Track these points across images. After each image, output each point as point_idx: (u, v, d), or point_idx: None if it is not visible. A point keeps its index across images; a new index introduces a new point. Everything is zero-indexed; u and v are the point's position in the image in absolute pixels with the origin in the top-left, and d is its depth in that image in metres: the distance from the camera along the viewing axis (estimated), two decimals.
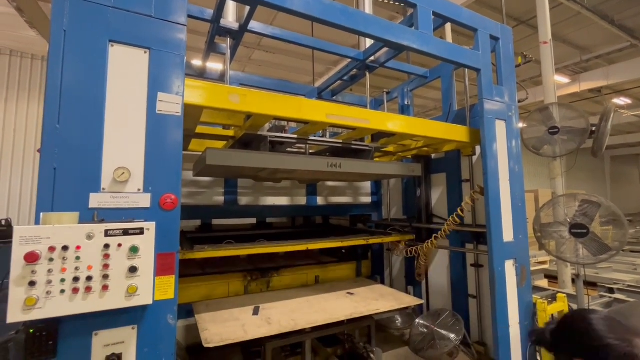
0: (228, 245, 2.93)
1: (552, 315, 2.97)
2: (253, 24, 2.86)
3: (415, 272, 4.00)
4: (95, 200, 1.54)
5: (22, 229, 1.32)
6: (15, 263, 1.30)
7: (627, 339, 1.42)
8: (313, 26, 5.54)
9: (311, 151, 3.45)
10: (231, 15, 2.89)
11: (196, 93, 1.90)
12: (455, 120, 3.64)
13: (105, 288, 1.42)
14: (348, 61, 3.93)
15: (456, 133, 3.04)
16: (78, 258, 1.39)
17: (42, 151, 1.47)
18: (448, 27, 5.33)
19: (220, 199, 3.71)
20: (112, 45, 1.64)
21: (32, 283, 1.31)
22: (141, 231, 1.51)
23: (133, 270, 1.47)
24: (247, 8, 2.53)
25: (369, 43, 3.52)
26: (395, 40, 2.49)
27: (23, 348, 1.35)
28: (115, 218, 1.55)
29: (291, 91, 4.32)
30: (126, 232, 1.48)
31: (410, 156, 4.09)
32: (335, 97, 4.58)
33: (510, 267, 2.87)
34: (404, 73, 4.29)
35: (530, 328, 2.80)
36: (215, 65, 3.71)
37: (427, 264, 3.81)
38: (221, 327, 2.46)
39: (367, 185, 4.73)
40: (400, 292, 3.37)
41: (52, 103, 1.50)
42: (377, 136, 3.27)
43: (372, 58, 3.56)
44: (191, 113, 2.06)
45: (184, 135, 1.83)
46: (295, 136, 2.80)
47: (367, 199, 4.71)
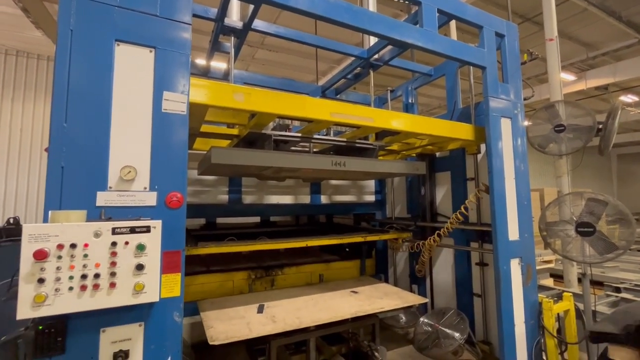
0: (230, 242, 2.99)
1: (558, 314, 2.96)
2: (257, 23, 2.86)
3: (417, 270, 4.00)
4: (102, 198, 1.55)
5: (31, 227, 1.34)
6: (24, 260, 1.32)
7: None
8: (317, 24, 5.53)
9: (315, 150, 3.45)
10: (235, 14, 2.90)
11: (201, 92, 1.91)
12: (460, 118, 3.62)
13: (112, 285, 1.44)
14: (352, 59, 3.92)
15: (461, 131, 3.03)
16: (86, 255, 1.41)
17: (50, 150, 1.49)
18: (453, 25, 5.29)
19: (224, 198, 3.72)
20: (118, 44, 1.66)
21: (41, 280, 1.33)
22: (148, 229, 1.52)
23: (140, 267, 1.49)
24: (251, 7, 2.54)
25: (373, 41, 3.51)
26: (399, 37, 2.48)
27: (32, 344, 1.37)
28: (121, 216, 1.56)
29: (295, 90, 4.32)
30: (133, 230, 1.49)
31: (414, 154, 4.07)
32: (339, 96, 4.58)
33: (515, 266, 2.85)
34: (408, 71, 4.27)
35: (590, 329, 2.36)
36: (219, 64, 3.73)
37: (427, 261, 3.83)
38: (226, 325, 2.47)
39: (371, 183, 4.72)
40: (404, 291, 3.36)
41: (59, 102, 1.52)
42: (381, 134, 3.26)
43: (376, 56, 3.55)
44: (196, 112, 2.06)
45: (189, 134, 1.84)
46: (299, 135, 2.80)
47: (371, 198, 4.71)
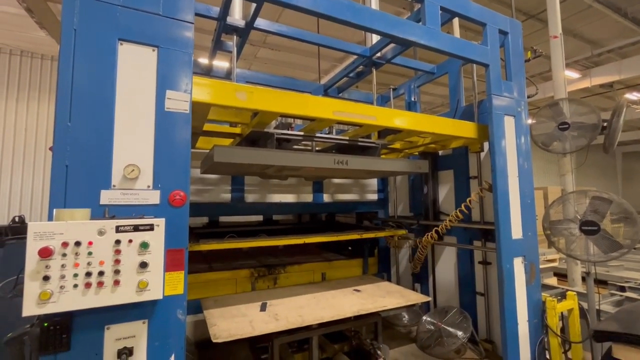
0: (230, 239, 3.08)
1: (562, 313, 2.94)
2: (259, 21, 2.86)
3: (422, 269, 4.01)
4: (106, 196, 1.56)
5: (36, 225, 1.35)
6: (29, 258, 1.33)
7: None
8: (319, 23, 5.52)
9: (317, 148, 3.45)
10: (237, 12, 2.90)
11: (204, 90, 1.92)
12: (462, 116, 3.61)
13: (116, 283, 1.45)
14: (354, 58, 3.91)
15: (464, 129, 3.01)
16: (90, 253, 1.42)
17: (54, 149, 1.50)
18: (456, 22, 5.26)
19: (227, 196, 3.73)
20: (122, 43, 1.66)
21: (46, 278, 1.34)
22: (151, 227, 1.53)
23: (143, 265, 1.50)
24: (253, 5, 2.54)
25: (375, 39, 3.50)
26: (402, 35, 2.47)
27: (38, 341, 1.39)
28: (125, 214, 1.57)
29: (297, 88, 4.32)
30: (136, 228, 1.50)
31: (417, 153, 4.06)
32: (341, 94, 4.57)
33: (519, 265, 2.84)
34: (411, 69, 4.26)
35: (594, 328, 2.30)
36: (221, 63, 3.73)
37: (423, 258, 3.87)
38: (229, 323, 2.49)
39: (374, 182, 4.72)
40: (407, 289, 3.36)
41: (64, 101, 1.53)
42: (384, 133, 3.25)
43: (379, 54, 3.54)
44: (199, 110, 2.07)
45: (192, 132, 1.85)
46: (301, 133, 2.80)
47: (374, 196, 4.70)
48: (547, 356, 2.85)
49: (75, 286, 1.39)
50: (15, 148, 7.20)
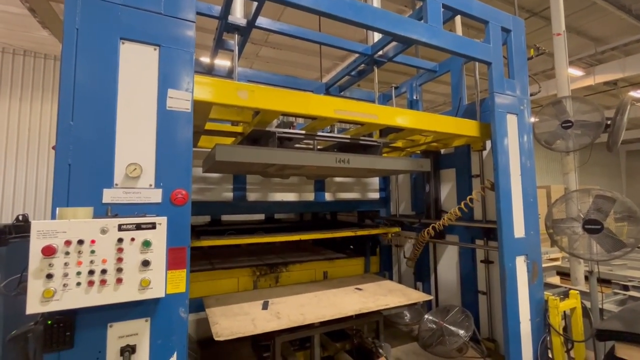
0: (229, 236, 3.18)
1: (564, 312, 2.93)
2: (261, 20, 2.86)
3: (423, 268, 4.01)
4: (108, 195, 1.57)
5: (40, 224, 1.36)
6: (33, 256, 1.34)
7: None
8: (320, 21, 5.50)
9: (319, 147, 3.45)
10: (239, 11, 2.90)
11: (205, 89, 1.92)
12: (465, 114, 3.59)
13: (119, 281, 1.46)
14: (356, 56, 3.90)
15: (466, 128, 3.00)
16: (93, 252, 1.43)
17: (57, 148, 1.51)
18: (458, 20, 5.22)
19: (229, 195, 3.74)
20: (123, 42, 1.67)
21: (50, 276, 1.35)
22: (153, 226, 1.53)
23: (146, 264, 1.50)
24: (255, 4, 2.53)
25: (377, 37, 3.48)
26: (404, 33, 2.46)
27: (41, 339, 1.40)
28: (127, 213, 1.58)
29: (299, 87, 4.31)
30: (139, 227, 1.51)
31: (419, 151, 4.05)
32: (342, 93, 4.56)
33: (521, 264, 2.83)
34: (413, 67, 4.24)
35: (597, 327, 2.30)
36: (223, 62, 3.73)
37: (418, 254, 3.93)
38: (231, 321, 2.50)
39: (375, 181, 4.71)
40: (408, 288, 3.36)
41: (66, 100, 1.53)
42: (386, 131, 3.25)
43: (380, 52, 3.53)
44: (200, 109, 2.07)
45: (194, 131, 1.85)
46: (303, 132, 2.80)
47: (375, 195, 4.70)
48: (550, 355, 2.84)
49: (78, 284, 1.40)
50: (18, 147, 7.24)
